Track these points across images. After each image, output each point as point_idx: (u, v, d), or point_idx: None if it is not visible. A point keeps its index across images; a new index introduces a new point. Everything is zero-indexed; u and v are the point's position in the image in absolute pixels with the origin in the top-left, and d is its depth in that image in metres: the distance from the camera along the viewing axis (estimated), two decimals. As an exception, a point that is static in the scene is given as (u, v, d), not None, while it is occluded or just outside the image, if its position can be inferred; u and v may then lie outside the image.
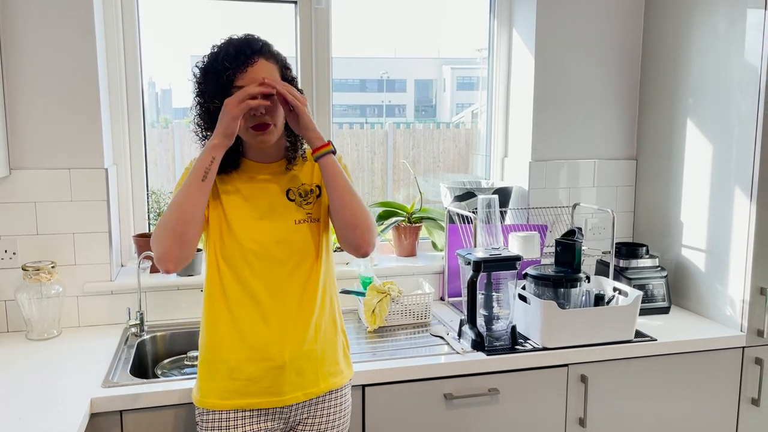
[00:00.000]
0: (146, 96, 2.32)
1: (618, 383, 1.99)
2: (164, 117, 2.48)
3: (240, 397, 1.44)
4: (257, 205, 1.46)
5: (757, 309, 2.05)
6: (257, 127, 1.40)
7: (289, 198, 1.49)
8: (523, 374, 1.89)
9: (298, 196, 1.50)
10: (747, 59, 2.01)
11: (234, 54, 1.37)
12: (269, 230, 1.45)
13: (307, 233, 1.48)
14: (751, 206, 2.02)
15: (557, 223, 2.49)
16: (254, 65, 1.37)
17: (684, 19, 2.28)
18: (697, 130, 2.24)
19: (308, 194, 1.52)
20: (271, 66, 1.41)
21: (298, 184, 1.51)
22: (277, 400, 1.45)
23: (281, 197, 1.49)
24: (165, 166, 2.45)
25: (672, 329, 2.10)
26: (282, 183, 1.50)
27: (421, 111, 2.82)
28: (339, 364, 1.53)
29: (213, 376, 1.45)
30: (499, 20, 2.58)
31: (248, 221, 1.44)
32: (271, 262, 1.44)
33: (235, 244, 1.43)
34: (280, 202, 1.48)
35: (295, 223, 1.47)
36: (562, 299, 1.97)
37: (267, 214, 1.46)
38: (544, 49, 2.42)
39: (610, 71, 2.50)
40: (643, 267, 2.29)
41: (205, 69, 1.41)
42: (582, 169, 2.53)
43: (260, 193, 1.48)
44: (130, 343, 1.99)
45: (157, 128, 2.44)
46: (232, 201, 1.46)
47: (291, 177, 1.52)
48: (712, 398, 2.08)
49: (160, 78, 2.41)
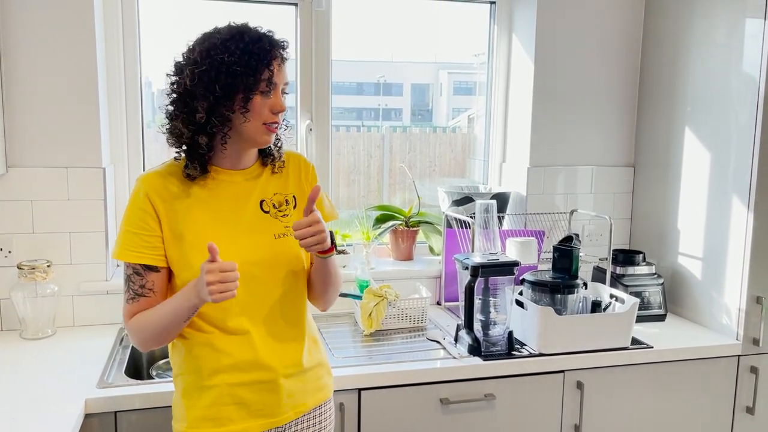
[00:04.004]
0: (143, 96, 2.32)
1: (614, 390, 1.99)
2: (160, 117, 2.47)
3: (232, 423, 1.35)
4: (231, 221, 1.35)
5: (752, 317, 2.06)
6: (273, 128, 1.33)
7: (263, 210, 1.39)
8: (519, 380, 1.89)
9: (272, 207, 1.40)
10: (746, 68, 2.02)
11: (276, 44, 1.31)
12: (248, 249, 1.34)
13: (289, 248, 1.39)
14: (748, 215, 2.03)
15: (554, 229, 2.49)
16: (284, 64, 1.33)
17: (683, 27, 2.29)
18: (695, 138, 2.25)
19: (282, 205, 1.41)
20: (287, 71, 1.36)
21: (271, 194, 1.41)
22: (272, 422, 1.38)
23: (256, 210, 1.38)
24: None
25: (668, 337, 2.10)
26: (255, 192, 1.39)
27: (418, 115, 2.82)
28: (323, 378, 1.49)
29: (199, 403, 1.35)
30: (499, 26, 2.59)
31: (223, 241, 1.30)
32: (254, 283, 1.34)
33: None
34: (255, 215, 1.37)
35: (275, 238, 1.37)
36: (559, 305, 1.97)
37: (244, 231, 1.35)
38: (543, 55, 2.43)
39: (609, 78, 2.51)
40: (639, 274, 2.29)
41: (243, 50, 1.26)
42: (580, 176, 2.53)
43: (234, 206, 1.36)
44: (126, 344, 1.98)
45: (152, 128, 2.43)
46: (202, 220, 1.33)
47: (263, 185, 1.41)
48: (707, 406, 2.08)
49: (157, 78, 2.40)
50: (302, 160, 1.49)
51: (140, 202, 1.31)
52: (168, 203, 1.32)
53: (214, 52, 1.26)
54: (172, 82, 1.31)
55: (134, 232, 1.31)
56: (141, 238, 1.31)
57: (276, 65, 1.30)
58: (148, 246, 1.31)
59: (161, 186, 1.33)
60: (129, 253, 1.31)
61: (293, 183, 1.45)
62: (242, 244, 1.34)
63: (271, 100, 1.31)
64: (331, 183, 2.50)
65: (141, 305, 1.33)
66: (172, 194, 1.33)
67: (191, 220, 1.32)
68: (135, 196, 1.33)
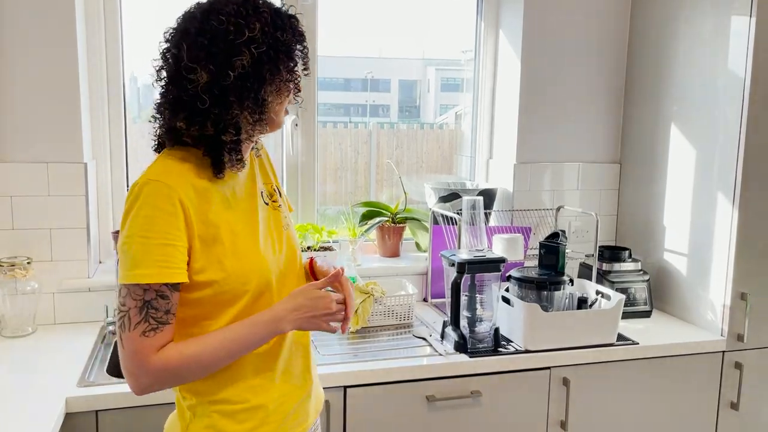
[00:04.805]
0: (128, 91, 2.29)
1: (599, 386, 1.99)
2: (147, 112, 2.45)
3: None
4: (253, 218, 1.21)
5: (737, 314, 2.07)
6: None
7: (264, 202, 1.27)
8: (505, 377, 1.88)
9: (268, 198, 1.29)
10: (732, 66, 2.03)
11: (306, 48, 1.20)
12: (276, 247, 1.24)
13: (294, 239, 1.30)
14: (734, 212, 2.03)
15: (541, 226, 2.49)
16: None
17: (670, 24, 2.29)
18: (681, 135, 2.26)
19: (274, 195, 1.31)
20: None
21: (262, 185, 1.30)
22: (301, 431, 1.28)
23: (261, 203, 1.26)
24: (148, 162, 2.39)
25: (654, 333, 2.11)
26: (256, 185, 1.27)
27: (405, 111, 2.81)
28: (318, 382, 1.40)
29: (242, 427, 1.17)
30: (486, 22, 2.58)
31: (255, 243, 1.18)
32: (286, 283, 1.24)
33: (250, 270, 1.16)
34: (263, 209, 1.25)
35: (284, 229, 1.28)
36: (546, 302, 1.97)
37: (265, 229, 1.23)
38: (530, 51, 2.42)
39: (596, 75, 2.51)
40: (625, 271, 2.29)
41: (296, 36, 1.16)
42: (566, 172, 2.53)
43: (249, 203, 1.22)
44: (108, 342, 1.95)
45: (138, 123, 2.40)
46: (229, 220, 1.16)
47: (254, 175, 1.28)
48: (692, 402, 2.09)
49: (143, 73, 2.37)
50: (263, 148, 1.37)
51: (170, 206, 1.07)
52: (196, 206, 1.11)
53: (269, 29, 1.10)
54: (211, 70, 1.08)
55: (170, 244, 1.06)
56: (178, 250, 1.07)
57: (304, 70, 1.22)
58: (184, 259, 1.09)
59: (188, 186, 1.11)
60: (169, 271, 1.06)
61: (271, 173, 1.35)
62: (271, 244, 1.22)
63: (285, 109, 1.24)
64: (317, 179, 2.48)
65: (166, 336, 1.08)
66: (198, 195, 1.12)
67: (222, 222, 1.14)
68: (159, 199, 1.06)
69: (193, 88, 1.09)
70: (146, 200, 1.06)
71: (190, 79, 1.09)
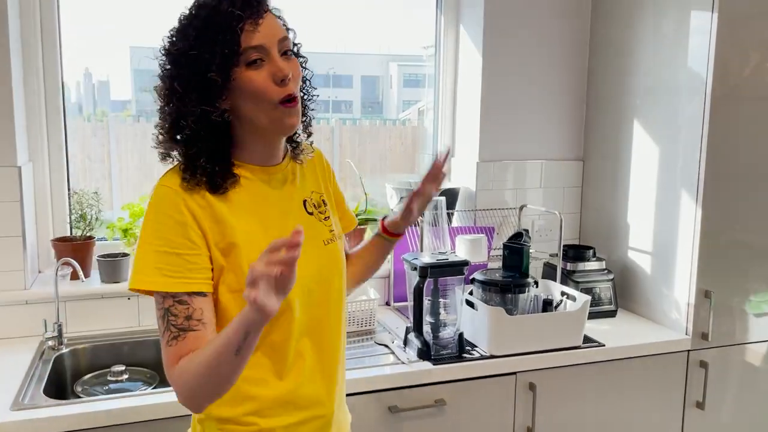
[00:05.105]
0: (82, 88, 2.17)
1: (566, 390, 1.94)
2: (101, 109, 2.32)
3: None
4: (279, 227, 1.10)
5: (701, 312, 2.05)
6: (289, 100, 1.03)
7: (308, 212, 1.16)
8: (470, 383, 1.82)
9: (314, 208, 1.18)
10: (693, 62, 2.00)
11: (240, 1, 1.00)
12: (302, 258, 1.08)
13: (338, 256, 1.18)
14: (697, 209, 2.01)
15: (504, 225, 2.44)
16: (266, 18, 1.03)
17: (632, 20, 2.26)
18: (643, 132, 2.23)
19: (321, 206, 1.20)
20: (278, 24, 1.06)
21: (309, 193, 1.19)
22: None
23: (301, 211, 1.15)
24: (100, 161, 2.29)
25: (619, 334, 2.07)
26: (296, 191, 1.16)
27: (368, 107, 2.75)
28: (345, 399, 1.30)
29: None
30: (446, 17, 2.51)
31: None
32: (310, 299, 1.12)
33: None
34: (301, 218, 1.14)
35: (324, 244, 1.16)
36: (510, 305, 1.91)
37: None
38: (491, 48, 2.36)
39: (558, 71, 2.46)
40: (590, 270, 2.25)
41: (200, 26, 0.99)
42: (529, 170, 2.48)
43: (278, 209, 1.12)
44: (46, 358, 1.82)
45: (92, 122, 2.27)
46: (249, 229, 1.07)
47: (300, 183, 1.17)
48: (658, 402, 2.06)
49: (97, 69, 2.27)
50: (324, 158, 1.29)
51: (177, 213, 1.02)
52: (209, 214, 1.04)
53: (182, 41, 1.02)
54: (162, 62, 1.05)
55: (176, 253, 1.01)
56: (185, 259, 1.01)
57: (249, 25, 1.00)
58: (195, 268, 1.02)
59: (198, 193, 1.04)
60: (173, 281, 1.00)
61: (322, 182, 1.25)
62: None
63: (266, 69, 1.02)
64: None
65: (190, 343, 1.00)
66: (209, 202, 1.05)
67: (240, 230, 1.06)
68: (166, 206, 1.02)
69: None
70: (155, 206, 1.03)
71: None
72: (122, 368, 1.85)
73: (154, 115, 1.12)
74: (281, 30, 1.06)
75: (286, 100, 1.04)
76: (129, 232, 2.12)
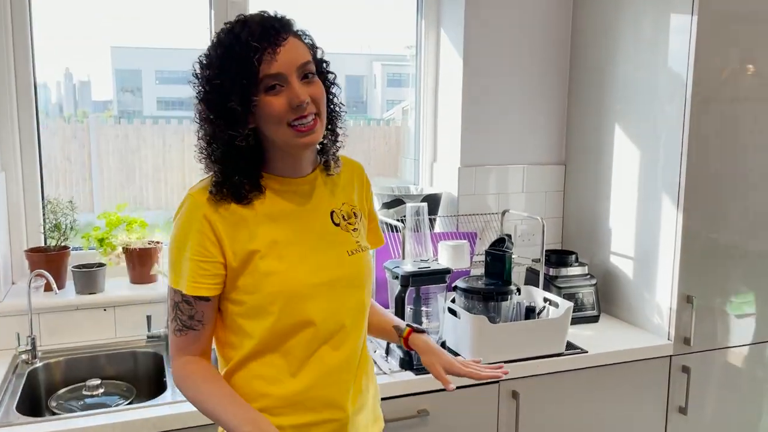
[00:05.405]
0: (62, 88, 2.13)
1: (549, 397, 1.93)
2: (82, 110, 2.27)
3: None
4: (303, 237, 1.17)
5: (683, 317, 2.05)
6: (303, 127, 1.10)
7: (334, 222, 1.22)
8: (453, 393, 1.77)
9: (342, 219, 1.23)
10: (673, 64, 2.00)
11: (260, 31, 1.07)
12: (323, 268, 1.17)
13: (362, 266, 1.23)
14: (678, 214, 2.01)
15: (487, 230, 2.43)
16: (286, 45, 1.08)
17: (611, 23, 2.26)
18: (624, 135, 2.23)
19: (351, 217, 1.25)
20: (302, 46, 1.12)
21: (340, 204, 1.24)
22: None
23: (327, 222, 1.21)
24: (80, 164, 2.24)
25: (602, 339, 2.06)
26: (324, 202, 1.22)
27: (352, 107, 2.74)
28: (378, 403, 1.34)
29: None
30: (426, 21, 2.49)
31: (295, 261, 1.14)
32: (328, 307, 1.17)
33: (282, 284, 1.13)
34: (326, 228, 1.20)
35: (348, 254, 1.21)
36: (493, 312, 1.90)
37: (317, 248, 1.17)
38: (472, 52, 2.34)
39: (539, 76, 2.45)
40: (572, 275, 2.25)
41: (222, 56, 1.07)
42: (511, 175, 2.47)
43: (304, 220, 1.18)
44: (20, 372, 1.78)
45: (71, 123, 2.23)
46: (271, 239, 1.14)
47: (330, 194, 1.23)
48: (641, 408, 2.06)
49: (78, 69, 2.22)
50: (364, 174, 1.34)
51: (197, 222, 1.11)
52: (231, 223, 1.13)
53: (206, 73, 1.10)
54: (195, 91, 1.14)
55: (190, 258, 1.12)
56: (197, 265, 1.12)
57: (268, 54, 1.06)
58: (205, 274, 1.12)
59: (223, 204, 1.13)
60: (184, 282, 1.13)
61: (357, 195, 1.29)
62: (317, 263, 1.17)
63: (285, 94, 1.08)
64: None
65: (189, 340, 1.16)
66: (233, 212, 1.13)
67: (260, 240, 1.13)
68: (190, 215, 1.12)
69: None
70: (182, 212, 1.14)
71: None
72: (98, 382, 1.81)
73: (135, 115, 1.19)
74: (302, 55, 1.11)
75: (300, 123, 1.10)
76: (105, 241, 2.08)
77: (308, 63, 1.11)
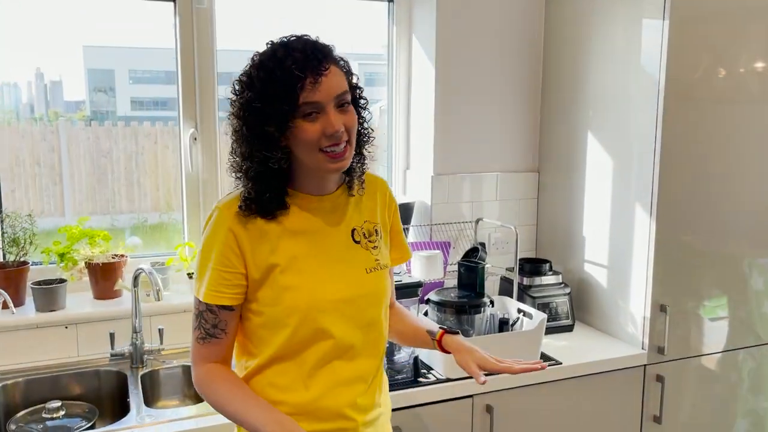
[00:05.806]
0: (33, 88, 2.09)
1: (524, 411, 1.91)
2: (54, 111, 2.21)
3: None
4: (323, 253, 1.21)
5: (657, 326, 2.04)
6: (334, 154, 1.14)
7: (355, 240, 1.25)
8: (426, 409, 1.77)
9: (363, 237, 1.26)
10: (645, 71, 1.99)
11: (303, 59, 1.10)
12: (341, 284, 1.21)
13: (379, 283, 1.26)
14: (651, 222, 2.00)
15: (461, 239, 2.40)
16: (327, 74, 1.11)
17: (583, 29, 2.24)
18: (597, 143, 2.21)
19: (372, 235, 1.28)
20: (341, 74, 1.16)
21: (362, 222, 1.28)
22: None
23: (348, 239, 1.24)
24: (50, 167, 2.17)
25: (576, 350, 2.05)
26: (345, 220, 1.25)
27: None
28: (389, 427, 1.36)
29: None
30: (398, 26, 2.45)
31: (314, 276, 1.18)
32: (344, 322, 1.21)
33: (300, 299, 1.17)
34: (347, 245, 1.24)
35: (367, 272, 1.24)
36: (467, 325, 1.87)
37: (336, 264, 1.21)
38: (444, 58, 2.31)
39: (512, 83, 2.43)
40: (546, 284, 2.23)
41: (264, 80, 1.10)
42: (485, 183, 2.45)
43: (325, 236, 1.22)
44: (-19, 394, 1.70)
45: (39, 125, 2.17)
46: (293, 253, 1.18)
47: (352, 211, 1.27)
48: (616, 418, 2.05)
49: (49, 69, 2.16)
50: (388, 190, 1.37)
51: (222, 235, 1.17)
52: (254, 237, 1.18)
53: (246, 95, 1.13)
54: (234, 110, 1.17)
55: (215, 269, 1.17)
56: (222, 276, 1.17)
57: (309, 83, 1.09)
58: (228, 284, 1.18)
59: (249, 218, 1.18)
60: (208, 291, 1.18)
61: (379, 212, 1.32)
62: (335, 279, 1.21)
63: (320, 122, 1.12)
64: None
65: (211, 348, 1.21)
66: (258, 226, 1.18)
67: (280, 254, 1.18)
68: (216, 227, 1.18)
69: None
70: (209, 226, 1.19)
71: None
72: (58, 404, 1.74)
73: (108, 117, 1.17)
74: (341, 85, 1.14)
75: (332, 150, 1.14)
76: (66, 256, 2.01)
77: (345, 93, 1.15)
